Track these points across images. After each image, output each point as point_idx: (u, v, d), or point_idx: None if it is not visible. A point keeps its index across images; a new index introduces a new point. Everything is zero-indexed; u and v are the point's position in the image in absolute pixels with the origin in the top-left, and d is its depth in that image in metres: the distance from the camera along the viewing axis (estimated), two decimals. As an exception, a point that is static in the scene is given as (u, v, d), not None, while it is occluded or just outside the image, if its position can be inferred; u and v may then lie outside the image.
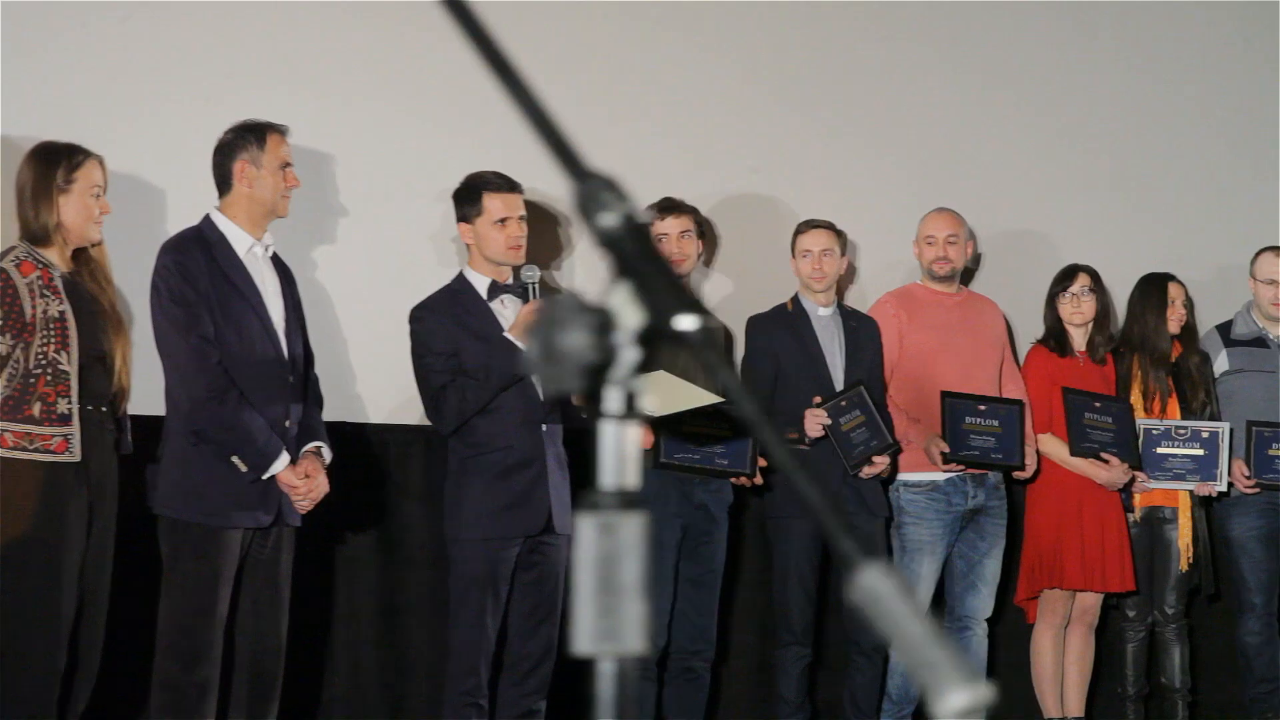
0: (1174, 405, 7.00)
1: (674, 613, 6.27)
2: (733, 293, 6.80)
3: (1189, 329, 7.06)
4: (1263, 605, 7.02)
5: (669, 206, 6.36)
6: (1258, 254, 7.11)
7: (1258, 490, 6.94)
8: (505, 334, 5.68)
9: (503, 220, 5.74)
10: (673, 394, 5.72)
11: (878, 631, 1.87)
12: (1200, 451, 6.94)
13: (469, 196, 5.79)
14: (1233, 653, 7.27)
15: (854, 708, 6.56)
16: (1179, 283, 7.04)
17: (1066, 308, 6.89)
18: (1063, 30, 7.35)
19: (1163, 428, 6.94)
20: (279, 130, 5.41)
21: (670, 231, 6.32)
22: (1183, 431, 6.94)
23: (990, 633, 6.92)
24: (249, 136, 5.38)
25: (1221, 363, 7.09)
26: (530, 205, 5.97)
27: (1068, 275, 6.91)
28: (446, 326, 5.68)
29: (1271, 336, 7.09)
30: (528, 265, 5.76)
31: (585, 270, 6.56)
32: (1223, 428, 6.95)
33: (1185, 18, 7.53)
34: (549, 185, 6.31)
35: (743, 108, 6.87)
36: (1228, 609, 7.38)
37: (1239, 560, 7.03)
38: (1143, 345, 6.97)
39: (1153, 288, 7.02)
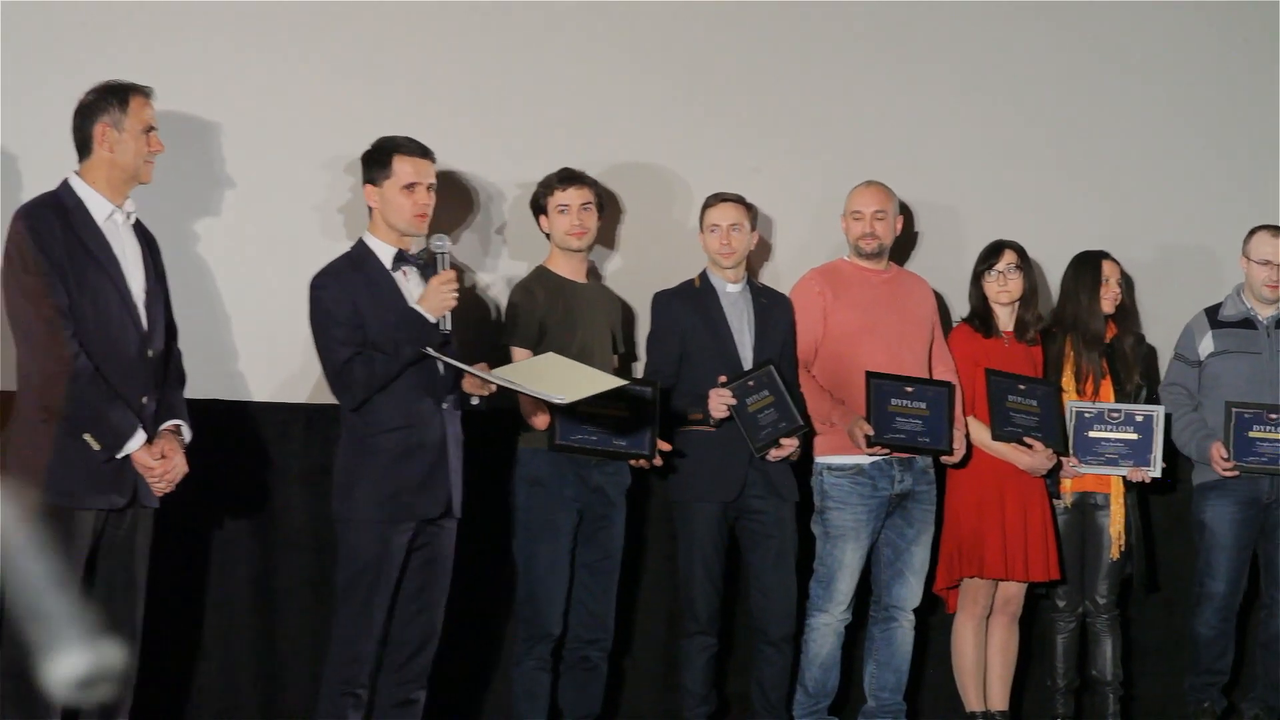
0: (1107, 387, 6.76)
1: (570, 600, 6.04)
2: (639, 268, 6.55)
3: (1124, 308, 6.81)
4: (1224, 597, 6.78)
5: (569, 177, 6.11)
6: (1252, 233, 6.86)
7: (1236, 474, 6.68)
8: (413, 306, 5.42)
9: (411, 186, 5.50)
10: (570, 378, 5.49)
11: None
12: (1134, 436, 6.69)
13: (378, 159, 5.55)
14: (1172, 643, 7.04)
15: (762, 700, 6.33)
16: (1113, 261, 6.79)
17: (992, 286, 6.63)
18: (995, 1, 7.08)
19: (1095, 411, 6.68)
20: (143, 92, 5.16)
21: (571, 203, 6.06)
22: (1116, 415, 6.69)
23: (921, 624, 6.69)
24: (110, 98, 5.13)
25: (1207, 344, 6.84)
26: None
27: (993, 252, 6.65)
28: (349, 295, 5.42)
29: (1260, 318, 6.83)
30: (437, 235, 5.52)
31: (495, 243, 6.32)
32: (1157, 411, 6.71)
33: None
34: (452, 154, 6.12)
35: (656, 78, 6.63)
36: (1167, 599, 7.16)
37: (1208, 547, 6.79)
38: (1075, 325, 6.73)
39: (1086, 266, 6.77)
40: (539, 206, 6.09)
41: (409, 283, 5.49)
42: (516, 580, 6.02)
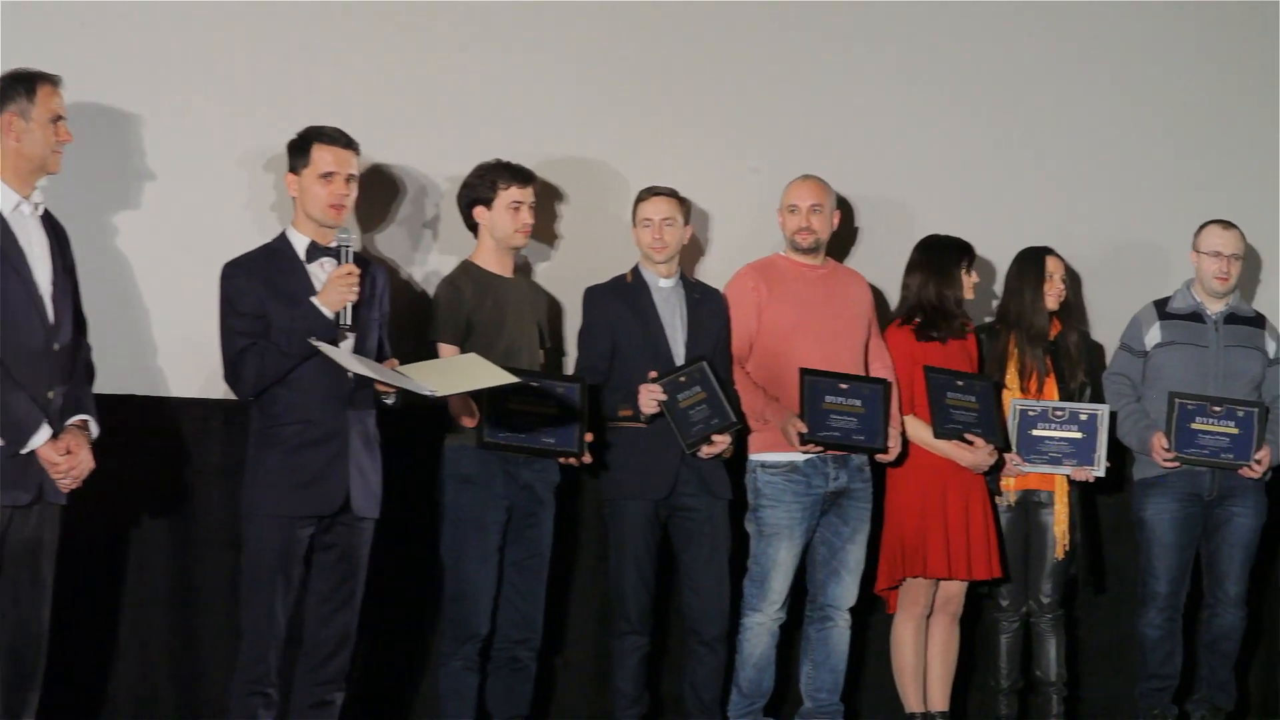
0: (1051, 385, 6.68)
1: (499, 599, 5.96)
2: (575, 263, 6.47)
3: (1068, 305, 6.73)
4: (1167, 596, 6.69)
5: (525, 175, 6.04)
6: (1202, 227, 6.79)
7: (1176, 465, 6.58)
8: (313, 299, 5.34)
9: (328, 175, 5.44)
10: (468, 373, 5.41)
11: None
12: (1078, 434, 6.61)
13: (300, 147, 5.51)
14: (1119, 645, 6.97)
15: (695, 700, 6.25)
16: (1058, 257, 6.71)
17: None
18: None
19: (1039, 409, 6.60)
20: (51, 81, 5.07)
21: (524, 200, 6.01)
22: (1060, 413, 6.61)
23: (860, 623, 6.63)
24: (17, 87, 5.04)
25: (1154, 335, 6.76)
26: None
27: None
28: (256, 287, 5.38)
29: (1209, 313, 6.74)
30: (344, 228, 5.46)
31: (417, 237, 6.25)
32: (1101, 410, 6.63)
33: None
34: (381, 148, 6.09)
35: (591, 71, 6.56)
36: (1114, 600, 7.09)
37: (1149, 545, 6.70)
38: (1019, 322, 6.65)
39: (1030, 262, 6.69)
40: (480, 199, 5.99)
41: (325, 275, 5.41)
42: (444, 579, 5.92)
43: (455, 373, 5.45)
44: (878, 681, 6.70)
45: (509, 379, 5.48)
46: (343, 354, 5.28)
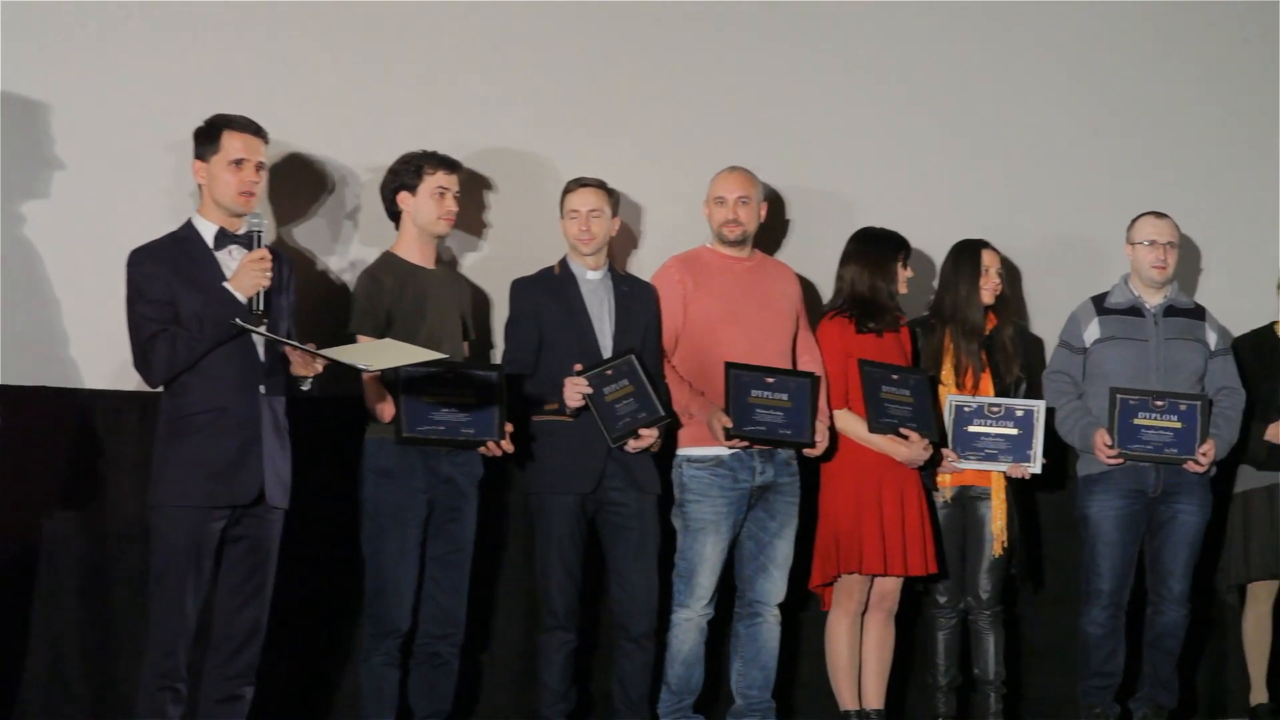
0: (987, 380, 6.62)
1: (420, 595, 5.89)
2: (502, 255, 6.42)
3: (1004, 299, 6.66)
4: (1111, 594, 6.62)
5: (452, 163, 5.99)
6: (1135, 219, 6.73)
7: (1120, 461, 6.51)
8: (224, 284, 5.29)
9: (238, 162, 5.39)
10: (393, 355, 5.39)
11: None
12: (1014, 431, 6.55)
13: (209, 134, 5.46)
14: (1062, 642, 6.91)
15: (623, 698, 6.19)
16: (994, 250, 6.64)
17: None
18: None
19: (975, 405, 6.54)
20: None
21: (450, 188, 5.96)
22: (996, 409, 6.55)
23: (794, 620, 6.58)
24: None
25: (1092, 331, 6.69)
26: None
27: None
28: (164, 274, 5.32)
29: (1148, 306, 6.67)
30: (255, 214, 5.40)
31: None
32: (1038, 406, 6.57)
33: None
34: (302, 137, 6.06)
35: (518, 62, 6.51)
36: (1057, 596, 7.02)
37: (1093, 542, 6.63)
38: (954, 316, 6.57)
39: (965, 255, 6.63)
40: (404, 185, 5.93)
41: (234, 262, 5.38)
42: (364, 575, 5.86)
43: (381, 352, 5.39)
44: (812, 679, 6.63)
45: (433, 355, 5.44)
46: (267, 334, 5.25)
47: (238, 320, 5.22)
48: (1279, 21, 7.38)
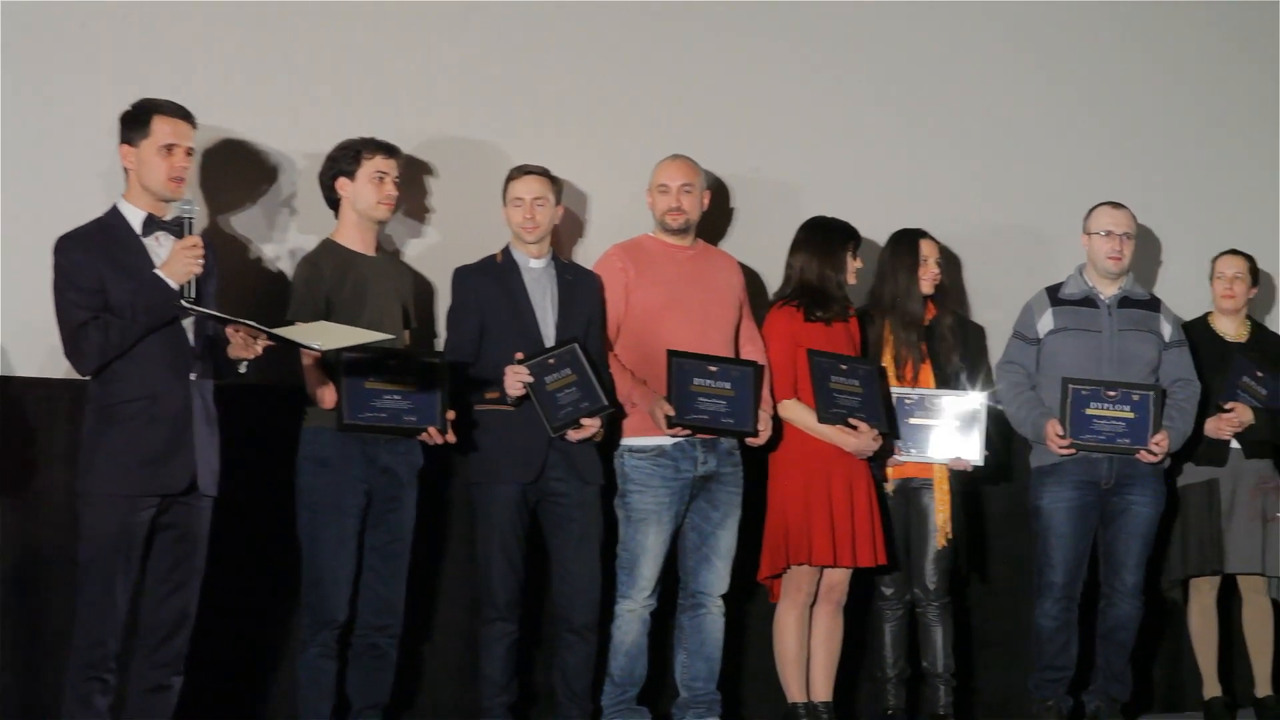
0: (928, 371, 6.57)
1: (359, 585, 5.83)
2: (445, 243, 6.37)
3: (943, 288, 6.61)
4: (1063, 587, 6.58)
5: (389, 148, 5.94)
6: (1092, 209, 6.69)
7: (1072, 452, 6.45)
8: (155, 271, 5.25)
9: (169, 147, 5.33)
10: (338, 336, 5.36)
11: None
12: (954, 423, 6.51)
13: (137, 119, 5.38)
14: (1015, 635, 6.89)
15: (566, 690, 6.14)
16: (932, 239, 6.58)
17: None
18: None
19: (915, 397, 6.49)
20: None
21: (389, 172, 5.90)
22: (936, 401, 6.49)
23: (741, 611, 6.53)
24: None
25: (1046, 322, 6.65)
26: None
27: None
28: (93, 260, 5.26)
29: (1102, 297, 6.62)
30: (185, 199, 5.35)
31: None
32: (980, 398, 6.51)
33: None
34: (237, 123, 6.00)
35: (463, 48, 6.46)
36: (1009, 588, 6.99)
37: (1045, 534, 6.59)
38: (893, 307, 6.51)
39: (904, 245, 6.58)
40: (343, 171, 5.89)
41: (161, 248, 5.32)
42: (301, 565, 5.81)
43: (325, 334, 5.33)
44: (760, 671, 6.59)
45: (379, 336, 5.41)
46: (214, 313, 5.21)
47: (184, 303, 5.17)
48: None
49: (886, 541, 6.41)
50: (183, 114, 5.38)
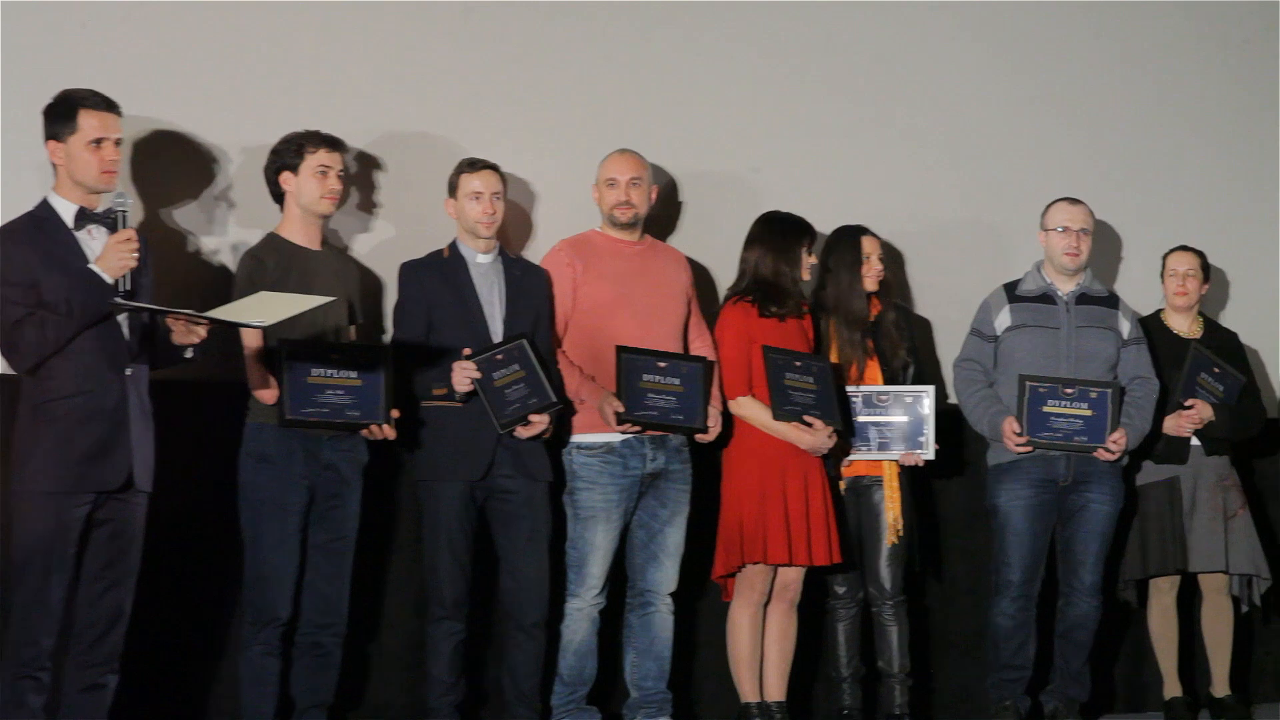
0: (874, 368, 6.52)
1: (302, 583, 5.78)
2: (393, 238, 6.32)
3: (886, 283, 6.56)
4: (1020, 585, 6.52)
5: (334, 141, 5.88)
6: (1049, 205, 6.65)
7: (1029, 449, 6.41)
8: (90, 265, 5.19)
9: (98, 141, 5.28)
10: (277, 306, 5.31)
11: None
12: (904, 418, 6.45)
13: (62, 113, 5.33)
14: (974, 634, 6.86)
15: (514, 689, 6.09)
16: (873, 236, 6.53)
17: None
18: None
19: (862, 395, 6.44)
20: None
21: (332, 167, 5.84)
22: (884, 398, 6.47)
23: (693, 610, 6.48)
24: None
25: (1004, 319, 6.60)
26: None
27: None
28: (26, 255, 5.21)
29: (1060, 293, 6.57)
30: (118, 193, 5.30)
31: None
32: (926, 392, 6.48)
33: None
34: (176, 114, 5.98)
35: (414, 44, 6.41)
36: (968, 587, 6.94)
37: (1002, 533, 6.54)
38: (836, 306, 6.45)
39: (845, 242, 6.52)
40: (286, 165, 5.83)
41: (95, 242, 5.27)
42: (243, 562, 5.76)
43: (264, 306, 5.27)
44: (712, 670, 6.54)
45: (321, 300, 5.36)
46: (148, 306, 5.15)
47: (118, 300, 5.11)
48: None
49: (842, 540, 6.36)
50: (108, 105, 5.31)
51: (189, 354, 5.32)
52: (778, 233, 6.36)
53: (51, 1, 5.93)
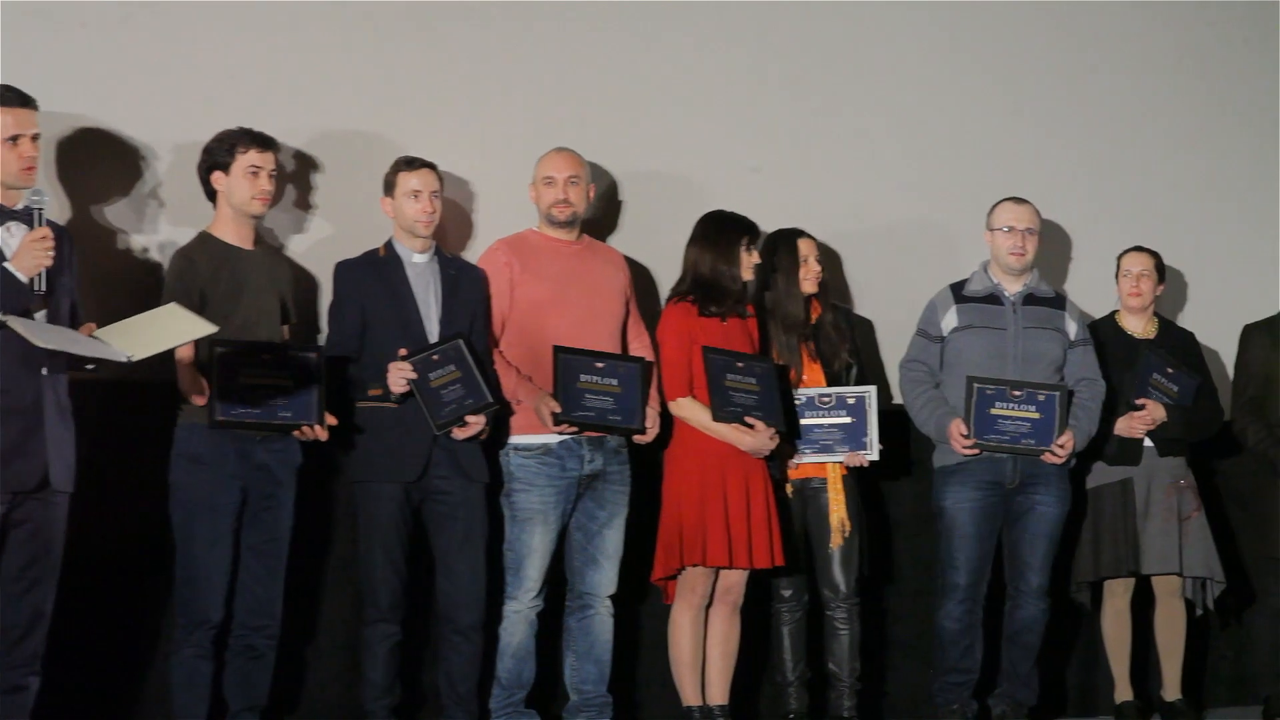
0: (817, 370, 6.48)
1: (235, 585, 5.73)
2: (329, 237, 6.27)
3: (824, 285, 6.51)
4: (967, 589, 6.47)
5: (265, 140, 5.83)
6: (995, 205, 6.61)
7: (976, 452, 6.36)
8: (4, 264, 5.15)
9: (14, 138, 5.23)
10: (166, 328, 5.23)
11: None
12: (847, 420, 6.41)
13: None
14: (926, 637, 6.78)
15: (451, 692, 6.04)
16: (810, 238, 6.48)
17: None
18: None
19: (805, 397, 6.40)
20: None
21: (264, 167, 5.80)
22: (826, 399, 6.42)
23: (634, 612, 6.45)
24: None
25: (950, 319, 6.55)
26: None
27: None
28: None
29: (1007, 294, 6.51)
30: (35, 189, 5.25)
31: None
32: (869, 392, 6.42)
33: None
34: (105, 112, 5.95)
35: (349, 42, 6.36)
36: (920, 589, 6.90)
37: (949, 535, 6.49)
38: (775, 310, 6.41)
39: (783, 245, 6.48)
40: (218, 164, 5.79)
41: (14, 239, 5.22)
42: (175, 564, 5.71)
43: (152, 329, 5.22)
44: (654, 674, 6.49)
45: (209, 329, 5.28)
46: (33, 327, 5.07)
47: (1, 316, 5.03)
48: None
49: (785, 543, 6.30)
50: (22, 100, 5.26)
51: (90, 365, 5.26)
52: (715, 231, 6.32)
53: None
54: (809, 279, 6.44)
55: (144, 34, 6.08)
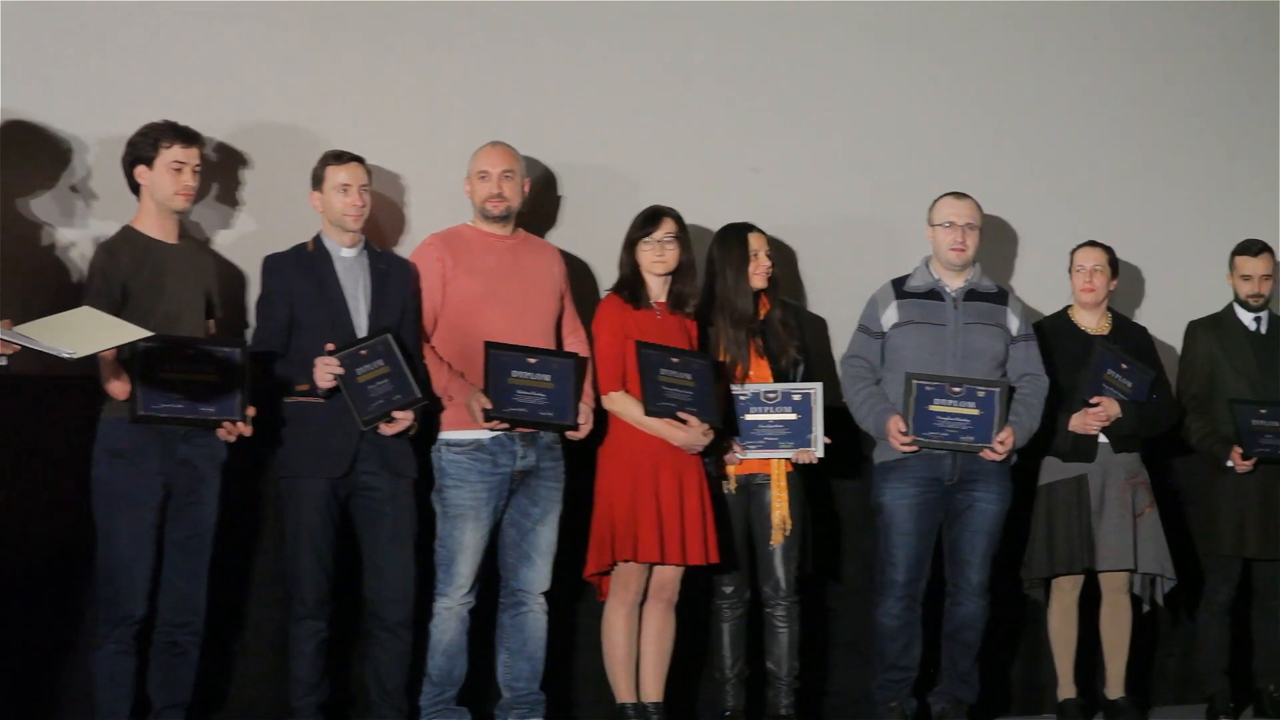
0: (764, 366, 6.43)
1: (159, 581, 5.68)
2: (256, 231, 6.21)
3: (774, 280, 6.44)
4: (905, 585, 6.43)
5: (189, 135, 5.77)
6: (936, 201, 6.56)
7: (915, 448, 6.31)
8: None
9: None
10: (95, 332, 5.13)
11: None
12: (793, 416, 6.37)
13: None
14: (869, 635, 6.70)
15: (379, 688, 6.00)
16: (760, 232, 6.42)
17: (648, 255, 6.25)
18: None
19: (749, 393, 6.35)
20: None
21: (187, 162, 5.74)
22: (772, 396, 6.37)
23: (569, 609, 6.41)
24: None
25: (890, 315, 6.50)
26: None
27: (650, 219, 6.27)
28: None
29: (948, 290, 6.46)
30: None
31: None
32: (815, 389, 6.38)
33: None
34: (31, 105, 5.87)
35: (279, 32, 6.31)
36: (862, 587, 6.86)
37: (887, 532, 6.45)
38: (723, 305, 6.36)
39: (732, 240, 6.42)
40: (141, 158, 5.74)
41: None
42: (96, 559, 5.66)
43: (82, 330, 5.14)
44: (589, 671, 6.44)
45: (140, 334, 5.18)
46: None
47: None
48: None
49: (721, 539, 6.25)
50: None
51: (2, 362, 5.20)
52: (638, 225, 6.28)
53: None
54: (758, 274, 6.38)
55: (68, 25, 6.02)
